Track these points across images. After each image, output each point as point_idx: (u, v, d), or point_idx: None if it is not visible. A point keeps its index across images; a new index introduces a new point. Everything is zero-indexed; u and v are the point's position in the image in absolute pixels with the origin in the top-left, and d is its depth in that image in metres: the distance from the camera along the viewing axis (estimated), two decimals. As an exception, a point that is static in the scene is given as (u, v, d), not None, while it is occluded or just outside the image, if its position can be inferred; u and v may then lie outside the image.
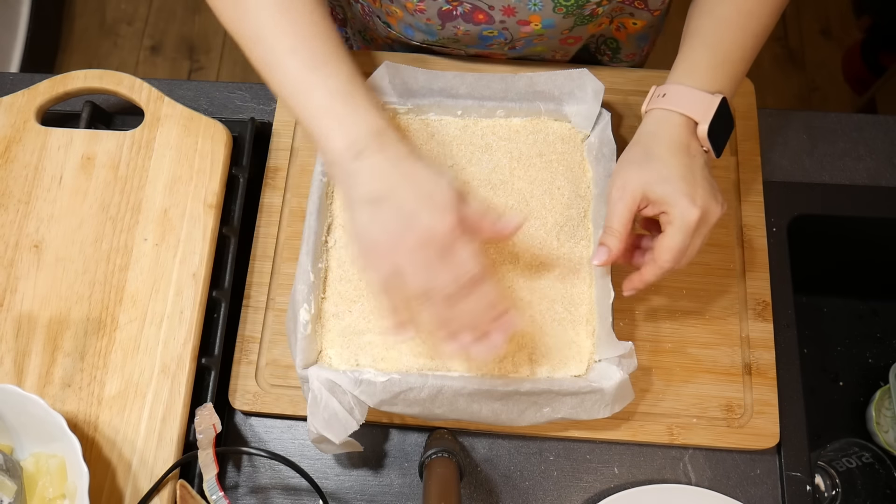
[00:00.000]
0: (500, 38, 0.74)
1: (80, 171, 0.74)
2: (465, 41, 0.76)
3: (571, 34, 0.73)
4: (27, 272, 0.71)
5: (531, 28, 0.71)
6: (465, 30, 0.73)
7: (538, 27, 0.71)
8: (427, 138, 0.74)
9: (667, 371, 0.70)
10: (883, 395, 0.88)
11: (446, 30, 0.74)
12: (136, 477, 0.64)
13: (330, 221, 0.71)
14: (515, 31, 0.72)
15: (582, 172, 0.73)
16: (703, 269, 0.74)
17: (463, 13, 0.71)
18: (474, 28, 0.72)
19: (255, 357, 0.70)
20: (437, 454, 0.63)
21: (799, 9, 1.88)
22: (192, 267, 0.71)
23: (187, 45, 1.89)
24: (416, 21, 0.74)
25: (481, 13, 0.70)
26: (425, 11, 0.71)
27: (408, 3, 0.71)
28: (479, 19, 0.71)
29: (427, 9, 0.71)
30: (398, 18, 0.77)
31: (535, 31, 0.72)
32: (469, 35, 0.74)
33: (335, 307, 0.67)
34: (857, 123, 0.82)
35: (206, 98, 0.83)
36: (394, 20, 0.77)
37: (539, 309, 0.67)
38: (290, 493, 0.69)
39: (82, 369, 0.67)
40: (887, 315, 0.96)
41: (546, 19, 0.70)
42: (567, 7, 0.68)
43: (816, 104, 1.79)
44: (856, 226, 0.80)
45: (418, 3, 0.70)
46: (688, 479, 0.69)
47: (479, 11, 0.70)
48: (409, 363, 0.65)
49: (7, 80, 0.85)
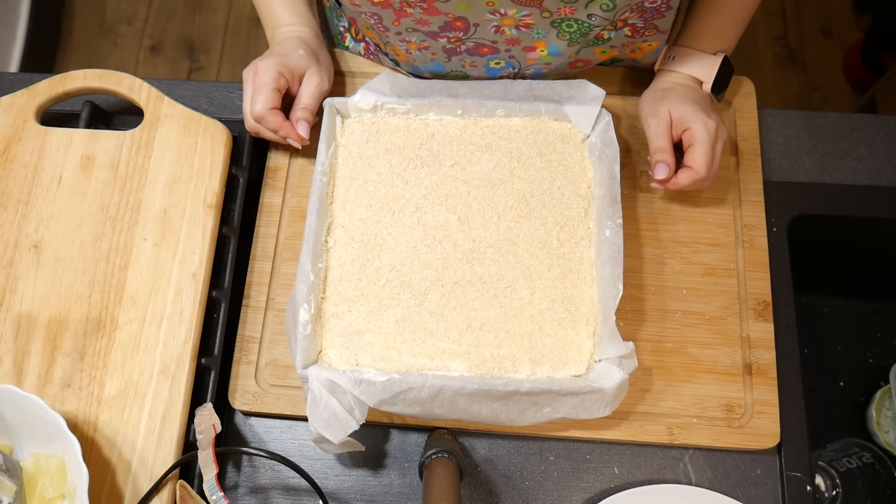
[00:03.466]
0: (507, 67, 0.75)
1: (79, 171, 0.74)
2: (474, 75, 0.77)
3: (579, 58, 0.74)
4: (27, 272, 0.71)
5: (538, 54, 0.72)
6: (472, 62, 0.74)
7: (544, 53, 0.72)
8: (427, 138, 0.74)
9: (667, 371, 0.70)
10: (883, 395, 0.88)
11: (453, 63, 0.75)
12: (135, 477, 0.64)
13: (330, 221, 0.71)
14: (522, 58, 0.73)
15: (582, 172, 0.73)
16: (703, 269, 0.74)
17: (467, 49, 0.72)
18: (480, 59, 0.74)
19: (255, 357, 0.70)
20: (437, 454, 0.63)
21: (799, 9, 1.88)
22: (191, 267, 0.71)
23: (187, 45, 1.89)
24: (422, 60, 0.75)
25: (485, 47, 0.72)
26: (429, 48, 0.73)
27: (411, 45, 0.73)
28: (483, 52, 0.73)
29: (430, 46, 0.72)
30: (404, 60, 0.77)
31: (541, 57, 0.73)
32: (477, 67, 0.75)
33: (335, 307, 0.67)
34: (857, 123, 0.82)
35: (205, 98, 0.83)
36: (401, 59, 0.78)
37: (539, 309, 0.67)
38: (290, 493, 0.69)
39: (82, 369, 0.67)
40: (887, 315, 0.95)
41: (550, 45, 0.71)
42: (570, 34, 0.69)
43: (816, 104, 1.79)
44: (856, 226, 0.80)
45: (421, 42, 0.72)
46: (688, 479, 0.68)
47: (482, 46, 0.71)
48: (409, 363, 0.65)
49: (7, 79, 0.85)
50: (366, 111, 0.75)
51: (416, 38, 0.71)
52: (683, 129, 0.70)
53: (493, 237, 0.70)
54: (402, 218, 0.70)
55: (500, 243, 0.69)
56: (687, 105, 0.70)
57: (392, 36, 0.72)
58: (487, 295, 0.67)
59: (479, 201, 0.71)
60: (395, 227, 0.70)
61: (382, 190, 0.72)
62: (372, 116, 0.75)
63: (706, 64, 0.73)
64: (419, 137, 0.74)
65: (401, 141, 0.74)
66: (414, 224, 0.70)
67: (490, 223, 0.70)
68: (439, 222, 0.70)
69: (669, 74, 0.74)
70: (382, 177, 0.72)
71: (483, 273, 0.68)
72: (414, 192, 0.72)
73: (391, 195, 0.71)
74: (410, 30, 0.70)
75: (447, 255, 0.69)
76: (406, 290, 0.68)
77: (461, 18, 0.67)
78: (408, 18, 0.68)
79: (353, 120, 0.75)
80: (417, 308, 0.67)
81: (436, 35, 0.70)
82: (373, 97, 0.74)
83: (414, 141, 0.74)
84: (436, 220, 0.70)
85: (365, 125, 0.75)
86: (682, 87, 0.72)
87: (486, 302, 0.67)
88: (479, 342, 0.66)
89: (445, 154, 0.73)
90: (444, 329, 0.66)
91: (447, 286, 0.68)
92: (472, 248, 0.69)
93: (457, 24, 0.68)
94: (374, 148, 0.74)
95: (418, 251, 0.69)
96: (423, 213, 0.71)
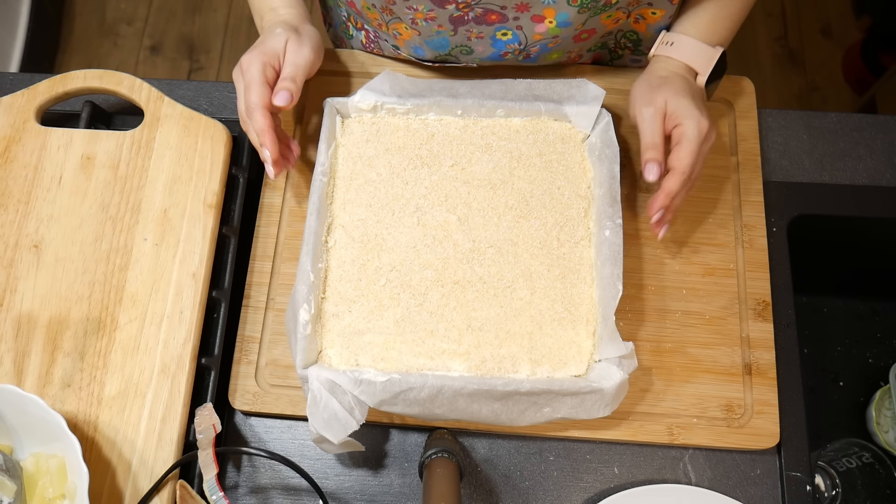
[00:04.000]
0: (514, 41, 0.74)
1: (79, 171, 0.74)
2: (479, 50, 0.75)
3: (585, 27, 0.73)
4: (27, 272, 0.71)
5: (545, 27, 0.71)
6: (479, 32, 0.72)
7: (553, 25, 0.71)
8: (427, 138, 0.74)
9: (667, 371, 0.70)
10: (883, 395, 0.88)
11: (459, 35, 0.73)
12: (135, 477, 0.64)
13: (330, 221, 0.71)
14: (530, 30, 0.72)
15: (582, 172, 0.73)
16: (703, 269, 0.74)
17: (475, 17, 0.70)
18: (487, 29, 0.72)
19: (255, 357, 0.70)
20: (437, 454, 0.63)
21: (799, 9, 1.88)
22: (191, 267, 0.71)
23: (187, 45, 1.89)
24: (427, 33, 0.73)
25: (493, 14, 0.70)
26: (436, 19, 0.71)
27: (417, 14, 0.71)
28: (491, 20, 0.71)
29: (437, 16, 0.71)
30: (406, 39, 0.76)
31: (549, 30, 0.71)
32: (483, 39, 0.74)
33: (335, 307, 0.67)
34: (857, 123, 0.82)
35: (205, 98, 0.83)
36: (402, 41, 0.77)
37: (539, 309, 0.67)
38: (290, 493, 0.69)
39: (82, 369, 0.67)
40: (887, 315, 0.95)
41: (560, 13, 0.69)
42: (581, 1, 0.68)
43: (816, 104, 1.79)
44: (856, 226, 0.80)
45: (428, 11, 0.70)
46: (688, 479, 0.69)
47: (491, 13, 0.70)
48: (409, 363, 0.65)
49: (7, 80, 0.85)
50: (366, 111, 0.75)
51: (424, 6, 0.69)
52: (675, 123, 0.67)
53: (493, 237, 0.70)
54: (402, 218, 0.70)
55: (500, 243, 0.69)
56: (683, 98, 0.67)
57: (399, 6, 0.70)
58: (487, 295, 0.67)
59: (479, 201, 0.71)
60: (395, 227, 0.70)
61: (382, 190, 0.72)
62: (372, 116, 0.75)
63: (705, 55, 0.71)
64: (419, 137, 0.74)
65: (401, 141, 0.74)
66: (414, 224, 0.70)
67: (490, 223, 0.70)
68: (439, 222, 0.70)
69: (666, 61, 0.72)
70: (382, 177, 0.72)
71: (483, 273, 0.68)
72: (414, 192, 0.72)
73: (391, 195, 0.71)
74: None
75: (447, 256, 0.69)
76: (406, 290, 0.68)
77: None
78: None
79: (353, 120, 0.75)
80: (417, 308, 0.67)
81: (444, 2, 0.68)
82: (373, 97, 0.74)
83: (414, 141, 0.74)
84: (436, 220, 0.70)
85: (365, 125, 0.75)
86: (679, 78, 0.70)
87: (486, 302, 0.67)
88: (479, 342, 0.66)
89: (445, 154, 0.73)
90: (444, 329, 0.66)
91: (447, 286, 0.68)
92: (472, 248, 0.69)
93: None
94: (374, 148, 0.74)
95: (418, 251, 0.69)
96: (423, 214, 0.71)
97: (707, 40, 0.71)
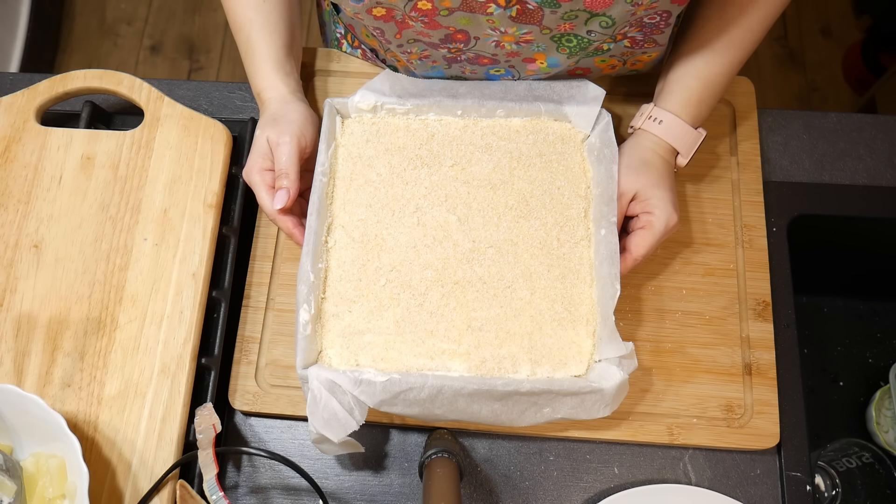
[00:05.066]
0: (507, 75, 0.75)
1: (79, 171, 0.74)
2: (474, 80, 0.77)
3: (578, 66, 0.74)
4: (27, 272, 0.71)
5: (537, 66, 0.72)
6: (472, 69, 0.74)
7: (544, 65, 0.72)
8: (427, 138, 0.74)
9: (667, 371, 0.70)
10: (883, 395, 0.88)
11: (453, 69, 0.75)
12: (135, 477, 0.64)
13: (330, 221, 0.71)
14: (522, 68, 0.73)
15: (582, 172, 0.73)
16: (703, 269, 0.74)
17: (468, 59, 0.72)
18: (481, 68, 0.74)
19: (255, 357, 0.71)
20: (437, 454, 0.63)
21: (799, 9, 1.88)
22: (191, 267, 0.71)
23: (187, 45, 1.89)
24: (423, 66, 0.75)
25: (485, 58, 0.72)
26: (430, 57, 0.73)
27: (412, 55, 0.73)
28: (483, 62, 0.73)
29: (431, 55, 0.72)
30: (403, 66, 0.77)
31: (541, 68, 0.73)
32: (476, 74, 0.75)
33: (335, 307, 0.67)
34: (857, 123, 0.82)
35: (205, 98, 0.83)
36: (400, 65, 0.78)
37: (539, 309, 0.67)
38: (290, 493, 0.69)
39: (82, 369, 0.67)
40: (887, 315, 0.96)
41: (550, 58, 0.71)
42: (570, 48, 0.69)
43: (816, 104, 1.79)
44: (856, 226, 0.80)
45: (422, 52, 0.72)
46: (688, 479, 0.69)
47: (482, 57, 0.71)
48: (409, 363, 0.65)
49: (7, 80, 0.85)
50: (366, 111, 0.75)
51: (418, 48, 0.71)
52: (646, 210, 0.68)
53: (493, 237, 0.70)
54: (402, 218, 0.70)
55: (499, 243, 0.69)
56: (660, 190, 0.68)
57: (394, 46, 0.72)
58: (487, 295, 0.67)
59: (479, 201, 0.71)
60: (395, 227, 0.70)
61: (382, 190, 0.72)
62: (372, 117, 0.75)
63: (690, 138, 0.71)
64: (419, 138, 0.74)
65: (401, 141, 0.74)
66: (414, 224, 0.70)
67: (490, 223, 0.70)
68: (439, 222, 0.70)
69: (652, 139, 0.71)
70: (382, 177, 0.72)
71: (483, 273, 0.68)
72: (414, 192, 0.72)
73: (391, 195, 0.71)
74: (412, 41, 0.70)
75: (447, 256, 0.69)
76: (406, 290, 0.68)
77: (462, 31, 0.67)
78: (410, 30, 0.68)
79: (353, 120, 0.75)
80: (417, 308, 0.67)
81: (437, 46, 0.70)
82: (373, 97, 0.74)
83: (414, 141, 0.74)
84: (436, 220, 0.70)
85: (365, 125, 0.75)
86: (661, 163, 0.71)
87: (486, 302, 0.67)
88: (479, 342, 0.66)
89: (445, 154, 0.73)
90: (444, 329, 0.66)
91: (447, 286, 0.68)
92: (472, 248, 0.69)
93: (458, 37, 0.68)
94: (374, 148, 0.74)
95: (418, 251, 0.69)
96: (423, 214, 0.71)
97: (693, 122, 0.71)
